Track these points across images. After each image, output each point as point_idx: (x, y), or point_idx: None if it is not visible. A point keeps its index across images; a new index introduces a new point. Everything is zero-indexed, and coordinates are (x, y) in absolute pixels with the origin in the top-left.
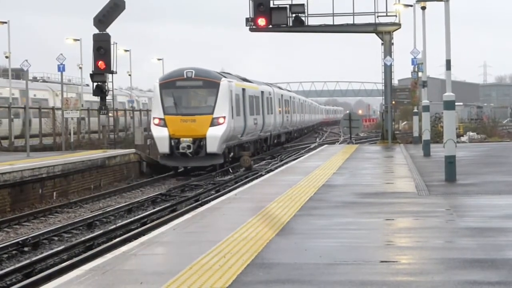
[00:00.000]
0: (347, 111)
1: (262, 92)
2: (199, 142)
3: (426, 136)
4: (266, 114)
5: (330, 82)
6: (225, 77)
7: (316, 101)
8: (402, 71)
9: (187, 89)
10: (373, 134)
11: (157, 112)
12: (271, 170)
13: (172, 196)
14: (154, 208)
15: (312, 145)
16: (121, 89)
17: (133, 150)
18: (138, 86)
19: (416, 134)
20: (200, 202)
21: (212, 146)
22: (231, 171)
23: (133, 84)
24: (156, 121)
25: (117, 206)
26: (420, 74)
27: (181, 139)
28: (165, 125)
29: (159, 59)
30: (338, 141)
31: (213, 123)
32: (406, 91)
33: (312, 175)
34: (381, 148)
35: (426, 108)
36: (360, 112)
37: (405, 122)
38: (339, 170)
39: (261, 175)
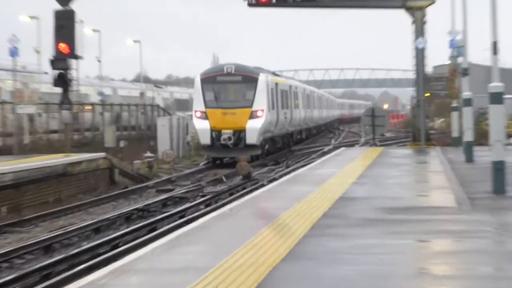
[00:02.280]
0: (369, 105)
1: (290, 86)
2: (239, 134)
3: (468, 136)
4: (293, 109)
5: (348, 69)
6: (262, 72)
7: (331, 93)
8: (437, 56)
9: (227, 84)
10: (401, 134)
11: (199, 105)
12: (275, 179)
13: (151, 212)
14: (128, 227)
15: (326, 148)
16: (88, 77)
17: (102, 155)
18: (110, 75)
19: (455, 134)
20: (186, 219)
21: (252, 138)
22: (224, 180)
23: (103, 72)
24: (198, 114)
25: (82, 225)
26: (460, 59)
27: (222, 131)
28: (206, 118)
29: (135, 41)
30: (358, 143)
31: (252, 115)
32: (443, 81)
33: (326, 185)
34: (412, 152)
35: (468, 102)
36: (385, 106)
37: (441, 120)
38: (360, 179)
39: (263, 185)
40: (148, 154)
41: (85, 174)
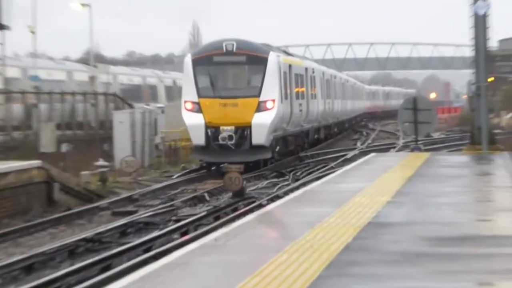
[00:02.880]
0: (410, 94)
1: (306, 69)
2: (242, 131)
3: None
4: (310, 99)
5: (380, 44)
6: (272, 50)
7: (356, 78)
8: (505, 27)
9: (227, 66)
10: (455, 135)
11: (189, 94)
12: (278, 197)
13: (105, 244)
14: (72, 265)
15: (350, 154)
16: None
17: (37, 163)
18: (48, 52)
19: None
20: (153, 253)
21: (259, 137)
22: (207, 198)
23: (39, 49)
24: (189, 105)
25: (9, 261)
26: None
27: (221, 128)
28: (199, 111)
29: (84, 5)
30: (394, 147)
31: (260, 108)
32: None
33: (350, 205)
34: (470, 159)
35: None
36: (432, 96)
37: (510, 114)
38: (397, 197)
39: (261, 206)
40: (101, 162)
41: (12, 190)
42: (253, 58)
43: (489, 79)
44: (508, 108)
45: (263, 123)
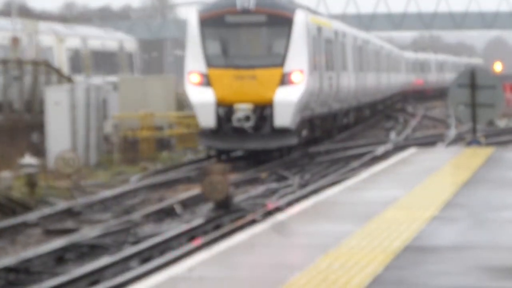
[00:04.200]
0: (467, 65)
1: (336, 32)
2: (262, 111)
3: None
4: (340, 72)
5: None
6: (299, 8)
7: (392, 42)
8: None
9: (242, 28)
10: None
11: (195, 63)
12: (278, 209)
13: (34, 275)
14: None
15: (380, 149)
16: None
17: None
18: None
19: None
20: None
21: (283, 118)
22: (179, 211)
23: None
24: (195, 77)
25: None
26: None
27: (235, 107)
28: (208, 85)
29: None
30: (443, 140)
31: (285, 80)
32: None
33: (379, 222)
34: None
35: None
36: (498, 68)
37: None
38: (446, 211)
39: (254, 222)
40: (28, 160)
41: None
42: (276, 18)
43: None
44: None
45: (288, 101)
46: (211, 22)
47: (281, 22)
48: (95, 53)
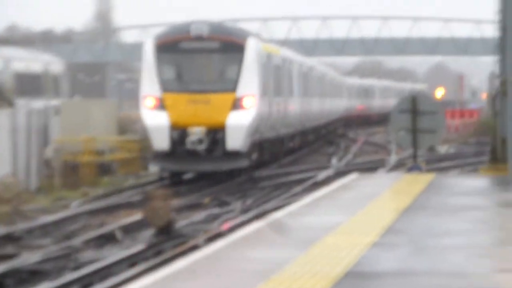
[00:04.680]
0: (408, 91)
1: (284, 59)
2: (215, 134)
3: None
4: (288, 97)
5: (367, 19)
6: (250, 35)
7: (333, 67)
8: None
9: (196, 54)
10: (469, 150)
11: (150, 88)
12: (221, 235)
13: None
14: None
15: (322, 175)
16: None
17: None
18: None
19: None
20: None
21: (235, 141)
22: (120, 237)
23: None
24: (150, 101)
25: None
26: None
27: (189, 130)
28: (163, 108)
29: None
30: (384, 165)
31: (237, 105)
32: None
33: (321, 248)
34: (491, 184)
35: None
36: (439, 94)
37: None
38: (386, 236)
39: (196, 247)
40: None
41: None
42: (229, 45)
43: None
44: None
45: (240, 125)
46: (166, 48)
47: (234, 49)
48: (18, 75)
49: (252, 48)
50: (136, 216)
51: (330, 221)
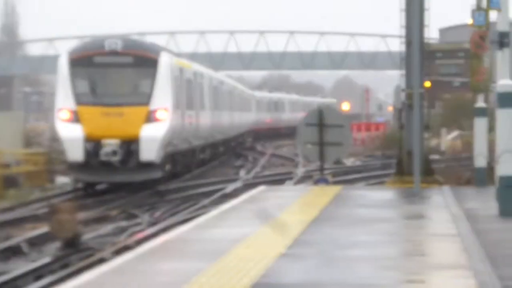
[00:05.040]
0: (315, 104)
1: (195, 73)
2: (128, 146)
3: (507, 167)
4: (199, 111)
5: (274, 33)
6: (163, 50)
7: (242, 81)
8: (448, 12)
9: (110, 68)
10: (376, 162)
11: (64, 101)
12: (128, 248)
13: None
14: None
15: (230, 187)
16: None
17: None
18: None
19: (481, 162)
20: None
21: (148, 152)
22: (26, 250)
23: None
24: (64, 114)
25: None
26: (493, 15)
27: (103, 142)
28: (77, 121)
29: None
30: (291, 178)
31: (150, 118)
32: (459, 57)
33: (229, 260)
34: (397, 196)
35: (507, 99)
36: (345, 107)
37: (455, 134)
38: (294, 248)
39: (103, 261)
40: None
41: None
42: (142, 59)
43: (426, 84)
44: (452, 124)
45: (154, 136)
46: (80, 62)
47: (147, 63)
48: None
49: (165, 63)
50: (42, 229)
51: (238, 233)
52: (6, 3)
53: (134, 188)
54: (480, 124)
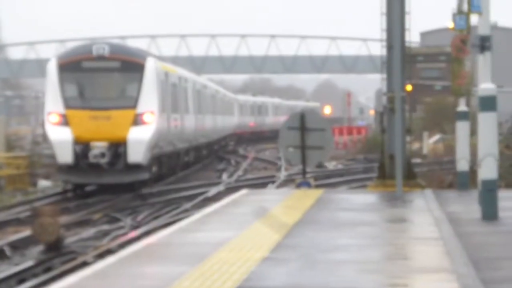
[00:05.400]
0: (297, 108)
1: (180, 77)
2: (116, 148)
3: (489, 171)
4: (184, 113)
5: (256, 37)
6: (149, 55)
7: (223, 84)
8: (430, 16)
9: (98, 73)
10: (358, 166)
11: (54, 105)
12: (111, 251)
13: None
14: None
15: (212, 191)
16: None
17: None
18: None
19: (463, 166)
20: None
21: (136, 154)
22: (8, 253)
23: None
24: (54, 118)
25: None
26: (474, 19)
27: (92, 144)
28: (66, 124)
29: None
30: (274, 181)
31: (137, 121)
32: (440, 61)
33: (211, 263)
34: (379, 200)
35: (489, 103)
36: (327, 111)
37: (436, 137)
38: (277, 251)
39: (85, 264)
40: None
41: None
42: (129, 64)
43: (407, 88)
44: (434, 128)
45: (141, 139)
46: (69, 67)
47: (134, 68)
48: None
49: (151, 67)
50: (25, 232)
51: (221, 236)
52: None
53: (117, 191)
54: (462, 128)
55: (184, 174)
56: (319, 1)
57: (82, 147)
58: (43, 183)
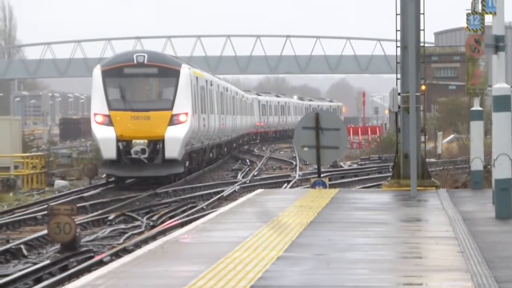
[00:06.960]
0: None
1: (207, 81)
2: (155, 145)
3: (503, 170)
4: (210, 114)
5: (270, 37)
6: (183, 62)
7: (238, 86)
8: (443, 16)
9: (138, 78)
10: (372, 165)
11: (99, 106)
12: (127, 251)
13: None
14: None
15: (227, 190)
16: None
17: None
18: None
19: (477, 166)
20: None
21: (172, 151)
22: (25, 252)
23: None
24: (99, 118)
25: None
26: (489, 18)
27: (133, 141)
28: (110, 124)
29: None
30: (288, 180)
31: (173, 121)
32: (455, 61)
33: (226, 263)
34: (394, 199)
35: (503, 103)
36: (341, 110)
37: (451, 137)
38: (291, 250)
39: (101, 263)
40: None
41: None
42: (166, 70)
43: (422, 88)
44: (448, 127)
45: (176, 137)
46: (112, 73)
47: (170, 74)
48: None
49: (185, 73)
50: (41, 231)
51: (236, 235)
52: (4, 8)
53: (155, 184)
54: (476, 128)
55: (197, 175)
56: (335, 1)
57: (124, 144)
58: (59, 182)
